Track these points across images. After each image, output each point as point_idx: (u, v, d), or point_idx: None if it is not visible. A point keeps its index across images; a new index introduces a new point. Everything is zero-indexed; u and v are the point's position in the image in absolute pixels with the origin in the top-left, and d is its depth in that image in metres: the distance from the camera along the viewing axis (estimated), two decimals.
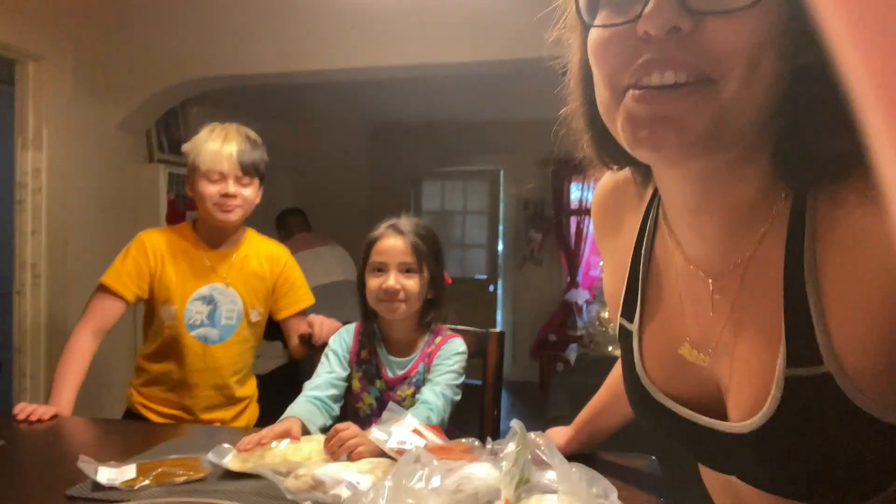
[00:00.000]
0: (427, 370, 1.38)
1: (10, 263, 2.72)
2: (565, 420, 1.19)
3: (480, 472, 0.84)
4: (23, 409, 1.38)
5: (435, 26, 2.66)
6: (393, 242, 1.37)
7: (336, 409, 1.37)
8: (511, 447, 0.85)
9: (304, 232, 3.91)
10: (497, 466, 0.85)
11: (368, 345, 1.43)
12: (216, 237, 1.66)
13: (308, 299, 1.78)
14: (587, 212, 5.43)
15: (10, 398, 2.78)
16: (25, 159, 2.67)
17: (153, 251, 1.62)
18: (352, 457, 1.04)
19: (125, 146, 3.17)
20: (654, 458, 1.16)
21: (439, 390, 1.32)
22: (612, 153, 0.62)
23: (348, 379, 1.41)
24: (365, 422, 1.34)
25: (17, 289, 2.68)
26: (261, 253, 1.72)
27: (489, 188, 5.90)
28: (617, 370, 1.07)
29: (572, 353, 4.47)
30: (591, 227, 5.45)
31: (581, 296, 5.27)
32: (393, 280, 1.35)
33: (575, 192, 5.43)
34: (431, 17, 2.65)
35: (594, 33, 0.54)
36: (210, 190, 1.57)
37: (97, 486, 0.94)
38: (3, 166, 2.92)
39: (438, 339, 1.41)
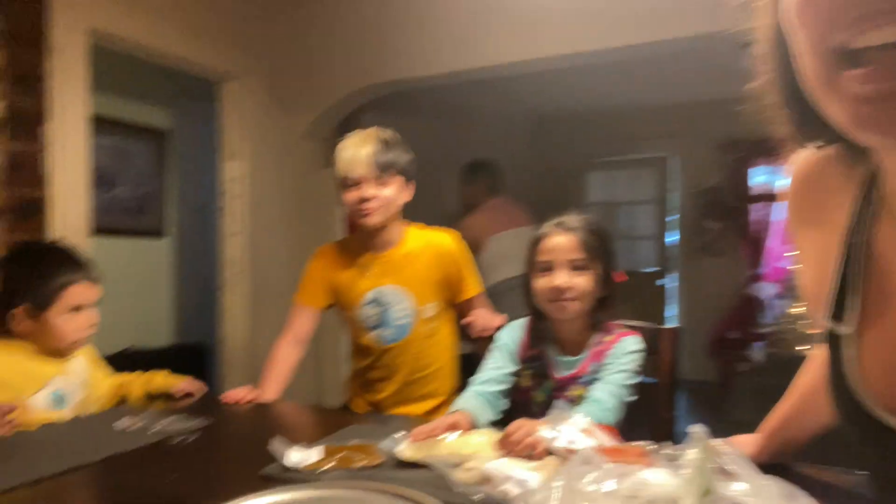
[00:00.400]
0: (598, 369, 1.32)
1: (217, 263, 3.09)
2: (751, 426, 1.08)
3: (658, 478, 0.79)
4: (228, 395, 1.56)
5: (597, 10, 2.56)
6: (559, 240, 1.34)
7: (503, 404, 1.36)
8: (692, 454, 0.78)
9: (496, 197, 3.34)
10: (676, 473, 0.79)
11: (538, 344, 1.40)
12: (374, 240, 1.69)
13: (476, 287, 1.76)
14: (773, 197, 4.94)
15: (216, 382, 3.16)
16: (227, 169, 3.01)
17: (325, 265, 1.73)
18: (532, 457, 1.02)
19: (308, 153, 3.45)
20: (864, 474, 1.01)
21: (612, 389, 1.26)
22: (815, 129, 0.53)
23: (517, 374, 1.41)
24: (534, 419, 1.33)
25: (222, 284, 3.03)
26: (424, 247, 1.72)
27: (658, 176, 5.60)
28: (806, 372, 0.95)
29: (757, 351, 4.10)
30: (778, 213, 4.97)
31: (767, 289, 4.81)
32: (561, 278, 1.31)
33: (758, 176, 4.96)
34: (600, 2, 2.56)
35: None
36: (349, 196, 1.62)
37: (287, 467, 1.02)
38: (211, 176, 3.32)
39: (610, 337, 1.35)
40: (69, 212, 2.23)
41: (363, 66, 3.09)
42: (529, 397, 1.38)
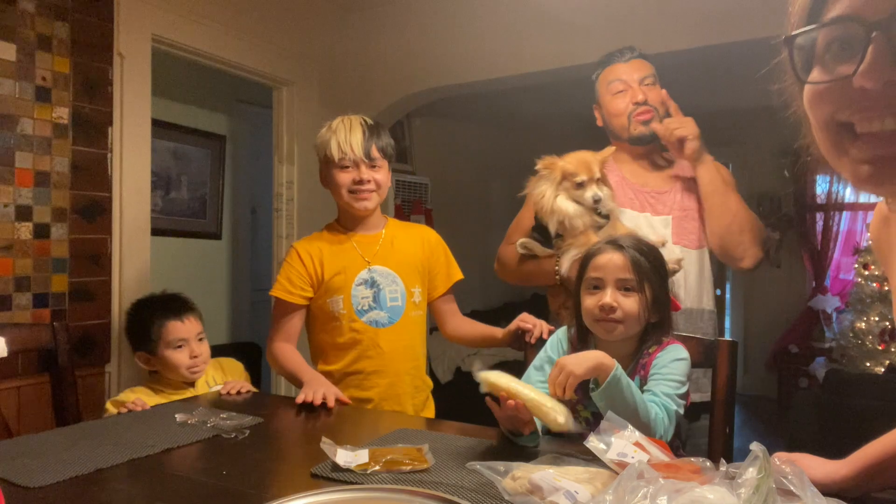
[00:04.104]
0: (643, 383, 1.29)
1: (269, 264, 3.16)
2: (811, 443, 1.03)
3: (715, 496, 0.76)
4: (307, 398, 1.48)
5: (647, 16, 2.52)
6: (610, 257, 1.30)
7: None
8: (751, 472, 0.75)
9: None
10: (734, 492, 0.76)
11: None
12: (359, 225, 1.73)
13: (458, 274, 1.79)
14: (837, 207, 4.74)
15: (267, 381, 3.23)
16: (281, 173, 3.08)
17: (308, 256, 1.69)
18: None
19: None
20: None
21: (659, 401, 1.22)
22: None
23: None
24: (581, 434, 1.30)
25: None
26: (408, 234, 1.77)
27: None
28: None
29: (819, 367, 3.94)
30: (841, 224, 4.75)
31: (830, 303, 4.62)
32: (609, 297, 1.28)
33: (822, 185, 4.77)
34: (648, 7, 2.51)
35: (809, 88, 0.56)
36: (344, 178, 1.66)
37: (336, 467, 1.03)
38: (263, 179, 3.39)
39: (654, 348, 1.31)
40: (132, 213, 2.32)
41: (412, 73, 3.11)
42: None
